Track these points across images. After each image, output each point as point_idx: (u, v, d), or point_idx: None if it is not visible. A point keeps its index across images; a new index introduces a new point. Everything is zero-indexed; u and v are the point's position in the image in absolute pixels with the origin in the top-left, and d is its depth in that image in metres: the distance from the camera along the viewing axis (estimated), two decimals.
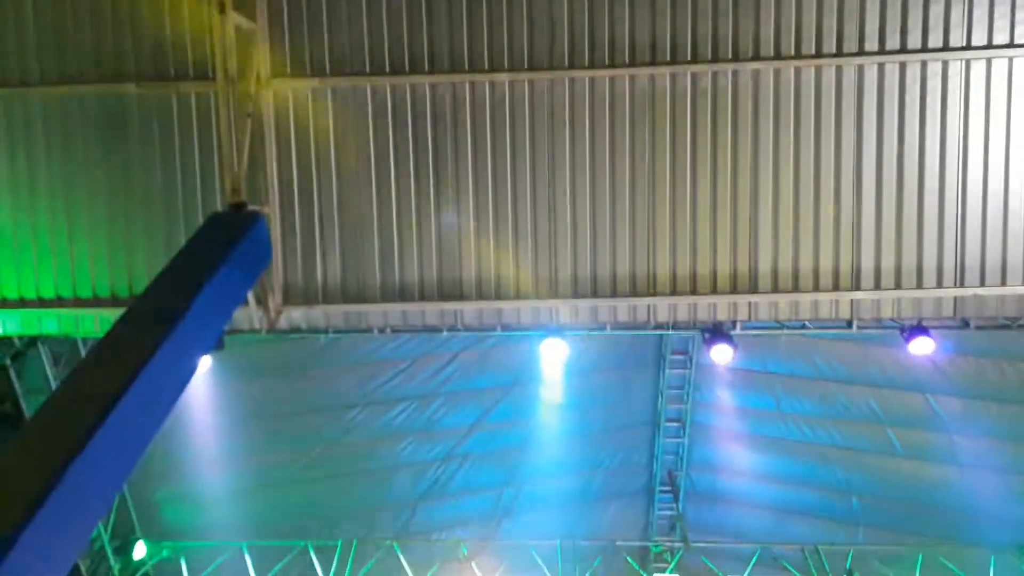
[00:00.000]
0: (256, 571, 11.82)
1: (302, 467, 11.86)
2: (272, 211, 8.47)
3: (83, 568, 10.91)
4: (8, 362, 9.68)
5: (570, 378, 11.53)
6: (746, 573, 12.27)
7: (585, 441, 13.03)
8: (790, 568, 12.35)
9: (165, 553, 11.73)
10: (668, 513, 13.81)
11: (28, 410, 9.59)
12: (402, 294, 8.85)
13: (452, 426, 12.58)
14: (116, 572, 11.26)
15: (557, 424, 12.68)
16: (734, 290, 8.79)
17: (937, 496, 12.40)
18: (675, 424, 13.21)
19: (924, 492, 12.50)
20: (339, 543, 12.34)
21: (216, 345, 7.35)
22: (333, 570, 12.08)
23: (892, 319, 9.14)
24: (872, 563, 12.34)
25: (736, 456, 12.67)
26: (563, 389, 12.10)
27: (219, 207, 8.20)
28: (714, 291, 8.81)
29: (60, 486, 4.35)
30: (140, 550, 11.46)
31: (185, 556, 11.80)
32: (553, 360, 10.21)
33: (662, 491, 13.74)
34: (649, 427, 13.49)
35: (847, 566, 12.19)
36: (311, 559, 12.15)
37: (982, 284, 8.60)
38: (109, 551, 11.14)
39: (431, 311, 8.96)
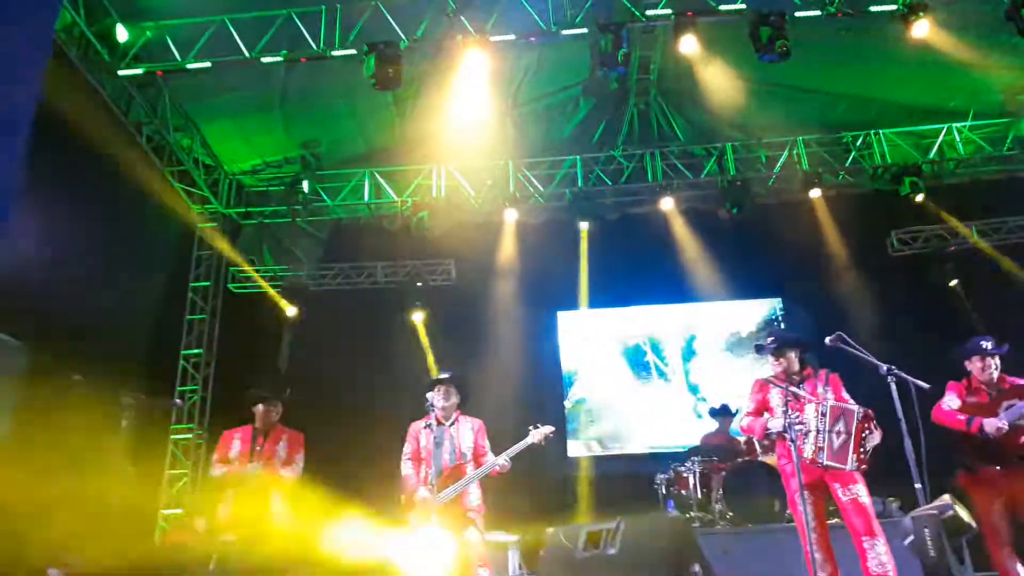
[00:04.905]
0: (244, 44, 11.77)
1: None
2: None
3: (73, 57, 10.96)
4: None
5: None
6: None
7: None
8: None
9: (148, 34, 11.57)
10: None
11: None
12: None
13: None
14: (105, 57, 11.32)
15: None
16: None
17: None
18: None
19: None
20: (323, 8, 11.97)
21: None
22: (322, 35, 11.99)
23: None
24: None
25: None
26: None
27: None
28: None
29: None
30: (122, 34, 11.27)
31: (169, 35, 11.66)
32: None
33: None
34: None
35: None
36: (298, 26, 11.97)
37: None
38: (91, 37, 11.02)
39: None
